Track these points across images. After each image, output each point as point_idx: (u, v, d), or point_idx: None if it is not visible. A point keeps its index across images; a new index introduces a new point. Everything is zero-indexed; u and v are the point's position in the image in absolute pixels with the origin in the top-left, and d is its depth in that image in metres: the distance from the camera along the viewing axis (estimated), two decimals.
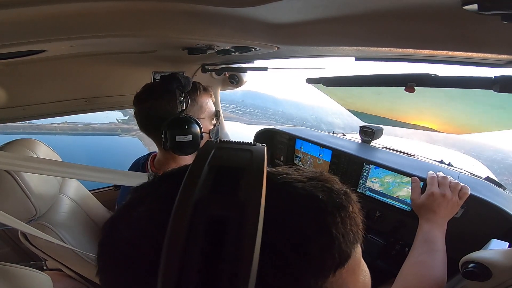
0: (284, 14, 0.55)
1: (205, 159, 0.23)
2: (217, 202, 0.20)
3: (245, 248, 0.18)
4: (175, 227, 0.19)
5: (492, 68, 0.53)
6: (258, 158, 0.23)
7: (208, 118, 0.94)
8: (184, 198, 0.20)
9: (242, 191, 0.21)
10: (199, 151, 0.24)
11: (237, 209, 0.20)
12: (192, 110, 0.90)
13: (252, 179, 0.21)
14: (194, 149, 0.90)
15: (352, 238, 0.25)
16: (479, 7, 0.32)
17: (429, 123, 1.19)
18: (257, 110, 12.67)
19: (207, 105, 0.93)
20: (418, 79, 0.63)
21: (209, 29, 0.65)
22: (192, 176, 0.21)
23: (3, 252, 1.33)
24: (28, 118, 1.11)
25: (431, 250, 0.64)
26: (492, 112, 0.85)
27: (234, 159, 0.23)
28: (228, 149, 0.25)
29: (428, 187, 0.73)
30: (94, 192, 1.47)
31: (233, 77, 1.45)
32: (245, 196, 0.20)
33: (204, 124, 0.93)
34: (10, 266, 0.71)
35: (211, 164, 0.22)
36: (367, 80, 0.76)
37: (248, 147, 0.25)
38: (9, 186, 0.88)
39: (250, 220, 0.19)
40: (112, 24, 0.56)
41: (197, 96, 0.92)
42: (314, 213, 0.24)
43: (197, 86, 0.94)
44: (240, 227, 0.19)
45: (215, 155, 0.23)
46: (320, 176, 0.27)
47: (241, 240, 0.18)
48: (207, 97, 0.94)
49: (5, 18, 0.45)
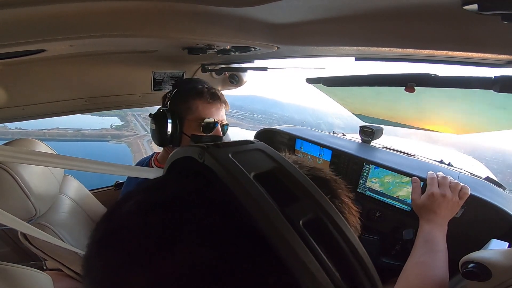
0: (284, 14, 0.55)
1: (238, 167, 0.22)
2: (300, 208, 0.20)
3: (354, 241, 0.20)
4: (289, 243, 0.18)
5: (492, 68, 0.53)
6: (279, 157, 0.25)
7: (193, 121, 0.93)
8: (272, 213, 0.19)
9: (298, 190, 0.22)
10: (215, 159, 0.22)
11: (317, 209, 0.21)
12: (179, 108, 0.93)
13: (297, 178, 0.22)
14: (160, 141, 0.93)
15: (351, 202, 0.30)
16: (479, 7, 0.32)
17: (429, 123, 1.19)
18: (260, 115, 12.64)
19: (197, 109, 0.93)
20: (418, 79, 0.63)
21: (209, 29, 0.65)
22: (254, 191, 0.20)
23: (3, 252, 1.33)
24: (28, 118, 1.11)
25: (432, 251, 0.64)
26: (492, 112, 0.85)
27: (261, 163, 0.24)
28: (243, 153, 0.24)
29: (428, 188, 0.73)
30: (94, 192, 1.47)
31: (233, 77, 1.45)
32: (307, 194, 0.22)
33: (188, 126, 0.94)
34: (10, 266, 0.71)
35: (253, 173, 0.22)
36: (367, 80, 0.76)
37: (252, 146, 0.26)
38: (9, 186, 0.88)
39: (337, 216, 0.21)
40: (112, 24, 0.56)
41: (188, 97, 0.94)
42: (331, 190, 0.28)
43: (193, 88, 0.94)
44: (334, 223, 0.20)
45: (242, 162, 0.22)
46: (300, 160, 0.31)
47: (347, 235, 0.20)
48: (201, 102, 0.93)
49: (5, 18, 0.45)
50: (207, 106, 0.94)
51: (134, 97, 1.28)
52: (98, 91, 1.18)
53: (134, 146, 7.52)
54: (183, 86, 0.97)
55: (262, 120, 12.33)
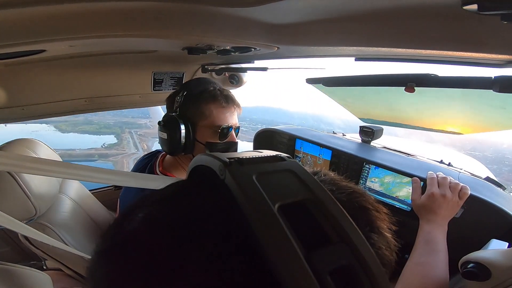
0: (284, 14, 0.55)
1: (261, 195, 0.19)
2: (331, 254, 0.18)
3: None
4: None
5: (492, 68, 0.53)
6: (313, 183, 0.21)
7: (207, 128, 0.88)
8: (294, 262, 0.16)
9: (332, 230, 0.19)
10: (235, 181, 0.20)
11: (351, 256, 0.18)
12: (190, 113, 0.87)
13: (329, 211, 0.19)
14: (172, 150, 0.88)
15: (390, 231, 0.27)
16: (479, 7, 0.32)
17: (429, 123, 1.19)
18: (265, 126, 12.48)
19: (211, 114, 0.87)
20: (418, 79, 0.63)
21: (209, 29, 0.65)
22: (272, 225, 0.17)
23: (3, 251, 1.33)
24: (28, 118, 1.11)
25: (432, 251, 0.64)
26: (492, 112, 0.85)
27: (290, 190, 0.20)
28: (270, 174, 0.21)
29: (428, 188, 0.73)
30: (94, 192, 1.47)
31: (233, 77, 1.45)
32: (343, 236, 0.19)
33: (202, 132, 0.88)
34: (10, 265, 0.71)
35: (278, 204, 0.18)
36: (367, 80, 0.76)
37: (283, 166, 0.22)
38: (9, 185, 0.88)
39: (374, 263, 0.18)
40: (112, 24, 0.56)
41: (200, 101, 0.88)
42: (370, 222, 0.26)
43: (205, 91, 0.89)
44: (367, 271, 0.18)
45: (267, 187, 0.19)
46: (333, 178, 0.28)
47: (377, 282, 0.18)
48: (215, 106, 0.88)
49: (5, 18, 0.45)
50: (221, 110, 0.89)
51: (134, 98, 1.28)
52: (98, 91, 1.18)
53: (119, 164, 7.52)
54: (193, 88, 0.91)
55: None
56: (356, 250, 0.18)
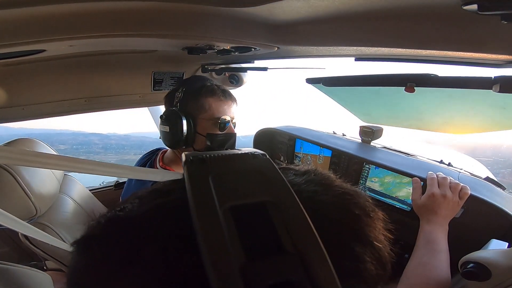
0: (284, 14, 0.55)
1: (210, 197, 0.17)
2: (270, 267, 0.15)
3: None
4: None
5: (492, 68, 0.53)
6: (279, 183, 0.19)
7: (208, 120, 0.93)
8: (224, 271, 0.15)
9: (288, 237, 0.16)
10: (189, 180, 0.19)
11: (301, 269, 0.15)
12: (190, 107, 0.92)
13: (290, 216, 0.17)
14: (174, 142, 0.92)
15: (385, 241, 0.24)
16: (479, 7, 0.32)
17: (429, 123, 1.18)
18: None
19: (210, 107, 0.92)
20: (418, 79, 0.63)
21: (209, 29, 0.65)
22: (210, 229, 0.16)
23: (3, 251, 1.33)
24: (28, 118, 1.11)
25: (433, 251, 0.64)
26: (492, 112, 0.85)
27: (251, 191, 0.18)
28: (232, 174, 0.19)
29: (428, 188, 0.73)
30: (95, 191, 1.47)
31: (233, 77, 1.45)
32: (297, 245, 0.16)
33: (202, 125, 0.93)
34: (10, 265, 0.71)
35: (224, 207, 0.17)
36: (367, 80, 0.76)
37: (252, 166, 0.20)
38: (9, 185, 0.88)
39: (327, 279, 0.16)
40: (112, 24, 0.56)
41: (199, 96, 0.92)
42: (354, 229, 0.22)
43: (203, 86, 0.94)
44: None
45: (222, 187, 0.18)
46: (323, 176, 0.25)
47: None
48: (213, 100, 0.93)
49: (5, 18, 0.45)
50: (220, 104, 0.94)
51: (134, 97, 1.28)
52: (98, 91, 1.18)
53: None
54: (192, 84, 0.96)
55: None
56: (310, 264, 0.16)
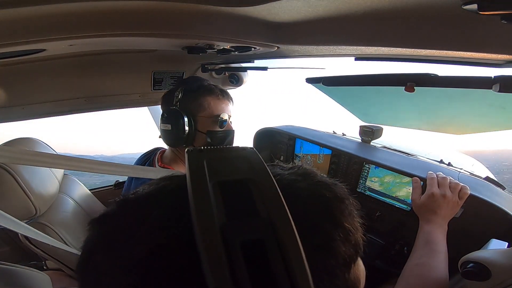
0: (284, 14, 0.55)
1: (203, 174, 0.21)
2: (245, 226, 0.19)
3: (298, 272, 0.17)
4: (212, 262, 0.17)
5: (492, 68, 0.53)
6: (260, 167, 0.23)
7: (207, 118, 0.95)
8: (206, 227, 0.18)
9: (262, 206, 0.20)
10: (188, 163, 0.22)
11: (270, 230, 0.19)
12: (189, 106, 0.94)
13: (266, 191, 0.21)
14: (176, 140, 0.94)
15: (358, 226, 0.26)
16: (479, 7, 0.32)
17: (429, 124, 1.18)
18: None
19: (209, 105, 0.95)
20: (418, 79, 0.63)
21: (209, 29, 0.65)
22: (200, 197, 0.20)
23: (3, 251, 1.33)
24: (28, 118, 1.10)
25: (432, 251, 0.64)
26: (492, 112, 0.85)
27: (236, 171, 0.22)
28: (223, 159, 0.23)
29: (428, 188, 0.73)
30: (94, 191, 1.47)
31: (233, 76, 1.45)
32: (270, 212, 0.19)
33: (202, 123, 0.95)
34: (8, 265, 0.71)
35: (213, 181, 0.21)
36: (367, 80, 0.76)
37: (240, 154, 0.24)
38: (9, 185, 0.88)
39: (290, 239, 0.18)
40: (112, 24, 0.56)
41: (198, 95, 0.94)
42: (326, 211, 0.25)
43: (201, 86, 0.96)
44: (283, 249, 0.18)
45: (214, 168, 0.22)
46: (307, 171, 0.28)
47: (292, 262, 0.18)
48: (212, 98, 0.95)
49: (5, 17, 0.45)
50: (218, 102, 0.96)
51: (134, 97, 1.28)
52: (98, 90, 1.18)
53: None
54: (191, 84, 0.98)
55: None
56: (275, 225, 0.19)
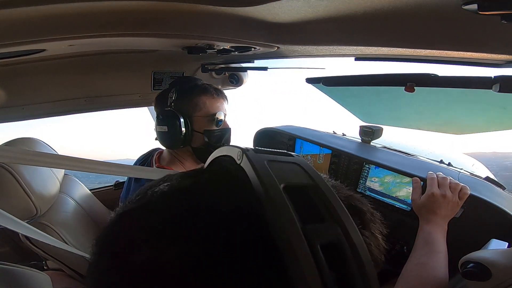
0: (284, 14, 0.55)
1: (271, 177, 0.21)
2: (321, 230, 0.20)
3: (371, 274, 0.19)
4: (301, 262, 0.17)
5: (492, 68, 0.53)
6: (315, 174, 0.24)
7: (204, 117, 0.95)
8: (292, 231, 0.18)
9: (326, 212, 0.21)
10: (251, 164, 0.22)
11: (342, 235, 0.20)
12: (185, 106, 0.93)
13: (326, 197, 0.22)
14: (173, 142, 0.93)
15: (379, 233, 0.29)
16: (479, 7, 0.32)
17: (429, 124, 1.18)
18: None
19: (205, 105, 0.94)
20: (418, 79, 0.63)
21: (209, 29, 0.65)
22: (279, 201, 0.20)
23: (3, 251, 1.33)
24: (28, 118, 1.11)
25: (432, 251, 0.64)
26: (492, 112, 0.85)
27: (295, 176, 0.23)
28: (279, 163, 0.24)
29: (428, 188, 0.73)
30: (94, 191, 1.47)
31: (233, 76, 1.45)
32: (336, 218, 0.21)
33: (198, 122, 0.94)
34: (9, 265, 0.71)
35: (284, 184, 0.21)
36: (367, 80, 0.76)
37: (291, 159, 0.25)
38: (10, 185, 0.88)
39: (360, 242, 0.20)
40: (112, 24, 0.56)
41: (193, 95, 0.94)
42: (363, 222, 0.27)
43: (196, 86, 0.96)
44: (355, 252, 0.19)
45: (276, 171, 0.22)
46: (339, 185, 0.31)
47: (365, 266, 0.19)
48: (207, 97, 0.95)
49: (5, 17, 0.45)
50: (213, 101, 0.96)
51: (134, 97, 1.28)
52: (98, 91, 1.18)
53: None
54: (184, 84, 0.97)
55: None
56: (346, 230, 0.20)
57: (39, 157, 0.57)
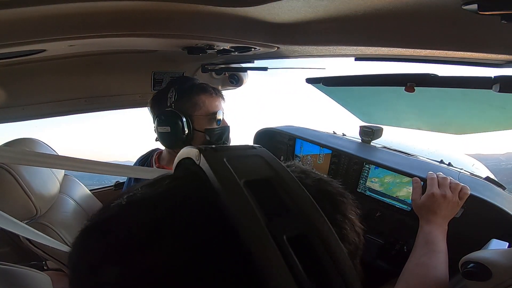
0: (284, 14, 0.55)
1: (230, 173, 0.21)
2: (286, 223, 0.19)
3: (345, 263, 0.19)
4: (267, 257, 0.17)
5: (492, 68, 0.53)
6: (278, 165, 0.23)
7: (204, 116, 0.95)
8: (254, 226, 0.18)
9: (292, 203, 0.21)
10: (208, 163, 0.22)
11: (310, 225, 0.20)
12: (184, 106, 0.93)
13: (290, 188, 0.22)
14: (176, 142, 0.94)
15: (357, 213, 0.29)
16: (479, 7, 0.32)
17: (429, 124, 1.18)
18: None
19: (204, 104, 0.95)
20: (418, 79, 0.63)
21: (209, 29, 0.65)
22: (238, 197, 0.20)
23: (3, 251, 1.33)
24: (28, 118, 1.11)
25: (432, 251, 0.64)
26: (492, 112, 0.85)
27: (257, 170, 0.23)
28: (240, 158, 0.24)
29: (429, 188, 0.73)
30: (94, 192, 1.47)
31: (233, 76, 1.45)
32: (302, 209, 0.20)
33: (199, 121, 0.95)
34: (9, 266, 0.71)
35: (242, 181, 0.21)
36: (367, 80, 0.76)
37: (253, 152, 0.25)
38: (10, 185, 0.88)
39: (330, 233, 0.20)
40: (112, 24, 0.56)
41: (192, 94, 0.94)
42: (334, 204, 0.27)
43: (194, 85, 0.97)
44: (326, 243, 0.19)
45: (236, 167, 0.22)
46: (302, 168, 0.30)
47: (337, 255, 0.19)
48: (206, 96, 0.95)
49: (5, 18, 0.45)
50: (212, 99, 0.97)
51: (134, 97, 1.28)
52: (98, 91, 1.18)
53: None
54: (182, 84, 0.98)
55: None
56: (311, 221, 0.20)
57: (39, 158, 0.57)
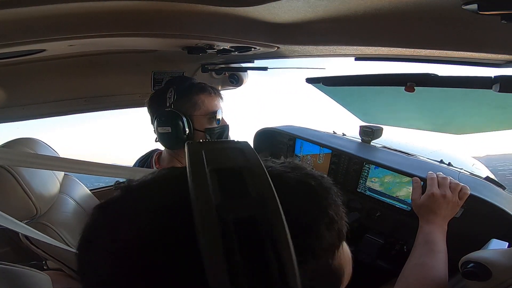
0: (284, 14, 0.55)
1: (201, 161, 0.23)
2: (238, 205, 0.20)
3: (282, 245, 0.19)
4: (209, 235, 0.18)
5: (492, 68, 0.53)
6: (253, 157, 0.25)
7: (203, 116, 0.95)
8: (203, 207, 0.19)
9: (253, 189, 0.22)
10: (188, 153, 0.24)
11: (260, 207, 0.20)
12: (184, 106, 0.93)
13: (257, 177, 0.23)
14: (177, 142, 0.93)
15: (342, 215, 0.29)
16: (479, 7, 0.32)
17: (429, 124, 1.19)
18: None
19: (204, 103, 0.95)
20: (418, 79, 0.63)
21: (209, 29, 0.65)
22: (198, 181, 0.21)
23: (3, 251, 1.33)
24: (28, 118, 1.11)
25: (432, 251, 0.64)
26: (492, 112, 0.85)
27: (231, 160, 0.24)
28: (220, 150, 0.25)
29: (428, 188, 0.73)
30: (95, 192, 1.47)
31: (233, 76, 1.45)
32: (259, 194, 0.21)
33: (199, 121, 0.95)
34: (9, 265, 0.71)
35: (210, 168, 0.22)
36: (367, 80, 0.76)
37: (235, 145, 0.26)
38: (10, 185, 0.88)
39: (276, 217, 0.20)
40: (112, 24, 0.56)
41: (192, 94, 0.94)
42: (312, 198, 0.27)
43: (193, 84, 0.96)
44: (270, 225, 0.20)
45: (211, 157, 0.23)
46: (297, 165, 0.31)
47: (277, 238, 0.19)
48: (205, 96, 0.95)
49: (5, 17, 0.45)
50: (211, 99, 0.97)
51: (134, 97, 1.28)
52: (98, 91, 1.18)
53: None
54: (181, 83, 0.98)
55: None
56: (265, 203, 0.21)
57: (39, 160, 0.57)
